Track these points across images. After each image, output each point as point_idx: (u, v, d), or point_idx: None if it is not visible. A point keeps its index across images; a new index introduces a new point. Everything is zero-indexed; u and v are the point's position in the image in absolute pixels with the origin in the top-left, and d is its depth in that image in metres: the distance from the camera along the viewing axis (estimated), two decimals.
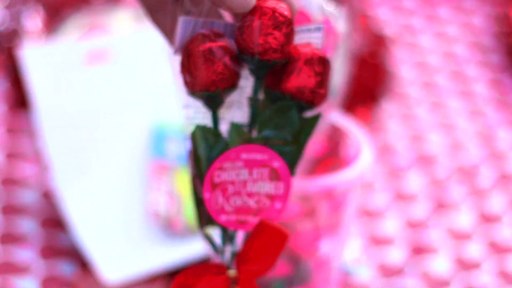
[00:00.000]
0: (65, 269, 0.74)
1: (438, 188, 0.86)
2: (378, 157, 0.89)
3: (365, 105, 0.94)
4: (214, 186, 0.47)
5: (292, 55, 0.47)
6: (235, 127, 0.48)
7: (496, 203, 0.85)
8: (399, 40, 1.07)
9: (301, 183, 0.59)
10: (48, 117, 0.80)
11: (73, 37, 0.92)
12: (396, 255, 0.78)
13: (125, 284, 0.73)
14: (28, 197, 0.80)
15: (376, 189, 0.85)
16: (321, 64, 0.47)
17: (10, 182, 0.82)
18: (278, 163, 0.48)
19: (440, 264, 0.78)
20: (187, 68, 0.47)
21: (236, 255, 0.49)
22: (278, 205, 0.48)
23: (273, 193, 0.48)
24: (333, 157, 0.66)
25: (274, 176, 0.48)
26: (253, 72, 0.48)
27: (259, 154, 0.48)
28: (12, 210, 0.79)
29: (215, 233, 0.49)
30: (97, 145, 0.81)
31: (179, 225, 0.77)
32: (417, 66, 1.04)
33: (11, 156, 0.85)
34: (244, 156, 0.48)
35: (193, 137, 0.47)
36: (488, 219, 0.83)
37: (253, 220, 0.48)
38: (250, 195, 0.48)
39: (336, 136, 0.65)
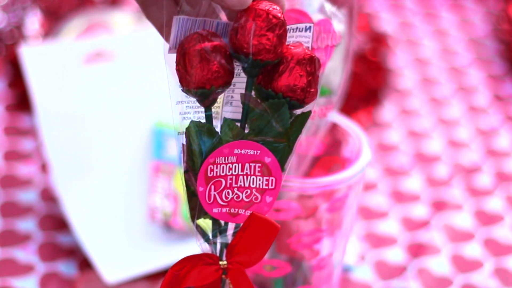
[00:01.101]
0: (65, 269, 0.74)
1: (438, 188, 0.86)
2: (378, 157, 0.89)
3: (365, 104, 0.94)
4: (208, 180, 0.49)
5: (284, 55, 0.49)
6: (227, 123, 0.49)
7: (496, 203, 0.85)
8: (399, 38, 1.07)
9: (301, 183, 0.59)
10: (47, 117, 0.79)
11: (72, 37, 0.92)
12: (396, 255, 0.78)
13: (125, 284, 0.73)
14: (28, 197, 0.80)
15: (376, 189, 0.85)
16: (312, 64, 0.49)
17: (10, 182, 0.82)
18: (269, 159, 0.49)
19: (440, 264, 0.77)
20: (183, 66, 0.48)
21: (227, 247, 0.50)
22: (268, 199, 0.50)
23: (264, 187, 0.50)
24: (333, 156, 0.66)
25: (266, 171, 0.49)
26: (246, 70, 0.49)
27: (252, 150, 0.49)
28: (12, 210, 0.79)
29: (207, 225, 0.51)
30: (97, 145, 0.81)
31: (179, 225, 0.77)
32: (417, 64, 1.04)
33: (11, 156, 0.85)
34: (237, 151, 0.49)
35: (188, 132, 0.49)
36: (488, 219, 0.83)
37: (244, 213, 0.50)
38: (241, 189, 0.49)
39: (336, 136, 0.65)
